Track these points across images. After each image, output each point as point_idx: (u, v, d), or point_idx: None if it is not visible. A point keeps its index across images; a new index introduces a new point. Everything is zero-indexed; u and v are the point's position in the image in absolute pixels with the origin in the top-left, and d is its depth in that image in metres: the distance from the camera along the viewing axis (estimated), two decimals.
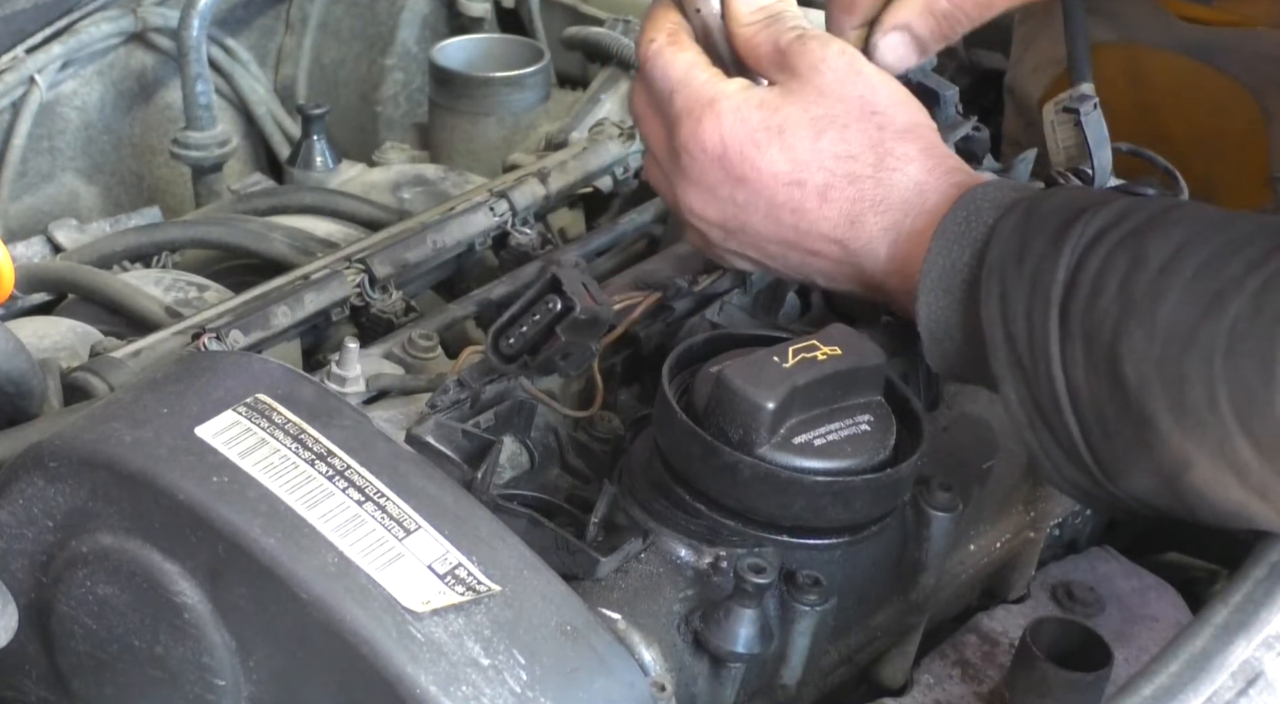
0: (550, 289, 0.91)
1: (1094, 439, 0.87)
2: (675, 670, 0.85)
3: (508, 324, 0.92)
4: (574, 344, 0.91)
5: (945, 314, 0.93)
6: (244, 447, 0.83)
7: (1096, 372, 0.85)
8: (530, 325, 0.91)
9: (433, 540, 0.81)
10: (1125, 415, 0.85)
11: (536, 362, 0.92)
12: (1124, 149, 1.25)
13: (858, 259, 0.97)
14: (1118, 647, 0.99)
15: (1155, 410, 0.83)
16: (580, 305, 0.90)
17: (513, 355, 0.92)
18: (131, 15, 1.67)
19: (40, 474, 0.85)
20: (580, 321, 0.91)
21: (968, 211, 0.93)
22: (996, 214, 0.92)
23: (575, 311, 0.90)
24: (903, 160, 0.97)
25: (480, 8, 1.81)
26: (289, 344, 1.15)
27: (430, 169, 1.54)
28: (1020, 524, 1.06)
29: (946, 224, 0.93)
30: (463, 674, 0.76)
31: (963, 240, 0.93)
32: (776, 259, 1.01)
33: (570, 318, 0.91)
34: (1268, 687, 0.85)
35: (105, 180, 1.73)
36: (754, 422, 0.87)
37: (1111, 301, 0.85)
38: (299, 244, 1.32)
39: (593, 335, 0.93)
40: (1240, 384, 0.80)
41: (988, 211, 0.93)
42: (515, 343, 0.92)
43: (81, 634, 0.86)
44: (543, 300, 0.91)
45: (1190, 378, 0.82)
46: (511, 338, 0.92)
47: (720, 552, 0.89)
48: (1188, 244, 0.84)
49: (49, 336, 1.16)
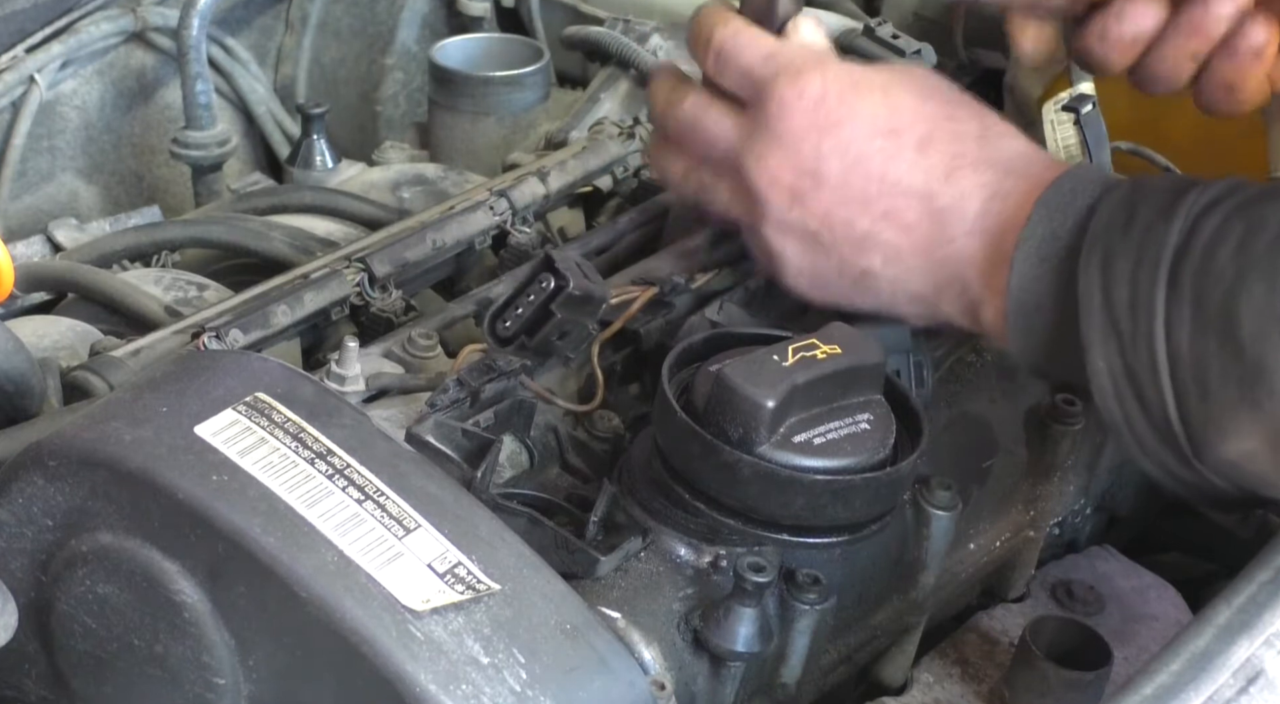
0: (544, 268, 0.91)
1: (1189, 405, 0.85)
2: (675, 669, 0.85)
3: (503, 307, 0.93)
4: (570, 322, 0.91)
5: (1039, 284, 0.91)
6: (243, 445, 0.83)
7: (1205, 330, 0.84)
8: (525, 306, 0.92)
9: (432, 539, 0.81)
10: (1232, 372, 0.83)
11: (534, 342, 0.92)
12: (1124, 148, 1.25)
13: (941, 218, 0.95)
14: (1118, 646, 0.99)
15: (1273, 362, 0.82)
16: (574, 282, 0.90)
17: (509, 337, 0.92)
18: (131, 15, 1.67)
19: (40, 473, 0.85)
20: (575, 298, 0.91)
21: (1073, 183, 0.92)
22: (1102, 187, 0.91)
23: (569, 288, 0.91)
24: (1004, 134, 0.97)
25: (480, 7, 1.81)
26: (289, 343, 1.14)
27: (430, 168, 1.54)
28: (1020, 523, 1.06)
29: (1050, 193, 0.92)
30: (462, 673, 0.76)
31: (1066, 210, 0.91)
32: (837, 230, 0.97)
33: (565, 294, 0.91)
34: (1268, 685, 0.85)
35: (105, 180, 1.73)
36: (754, 420, 0.87)
37: (1228, 262, 0.84)
38: (299, 243, 1.32)
39: (588, 313, 0.93)
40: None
41: (1093, 185, 0.92)
42: (511, 325, 0.92)
43: (81, 633, 0.86)
44: (537, 280, 0.91)
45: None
46: (508, 320, 0.92)
47: (720, 550, 0.89)
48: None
49: (49, 336, 1.16)
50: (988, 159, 0.95)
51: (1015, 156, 0.96)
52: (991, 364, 1.11)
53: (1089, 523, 1.16)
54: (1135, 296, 0.86)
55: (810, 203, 0.97)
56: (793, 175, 0.97)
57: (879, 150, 0.96)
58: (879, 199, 0.96)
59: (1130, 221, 0.88)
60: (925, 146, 0.96)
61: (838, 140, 0.96)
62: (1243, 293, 0.83)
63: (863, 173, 0.96)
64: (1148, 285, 0.85)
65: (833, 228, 0.97)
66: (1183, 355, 0.85)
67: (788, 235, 0.99)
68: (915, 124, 0.96)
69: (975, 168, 0.95)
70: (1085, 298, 0.88)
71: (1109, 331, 0.87)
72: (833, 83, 0.97)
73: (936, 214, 0.95)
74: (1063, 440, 1.05)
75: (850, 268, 0.98)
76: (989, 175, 0.95)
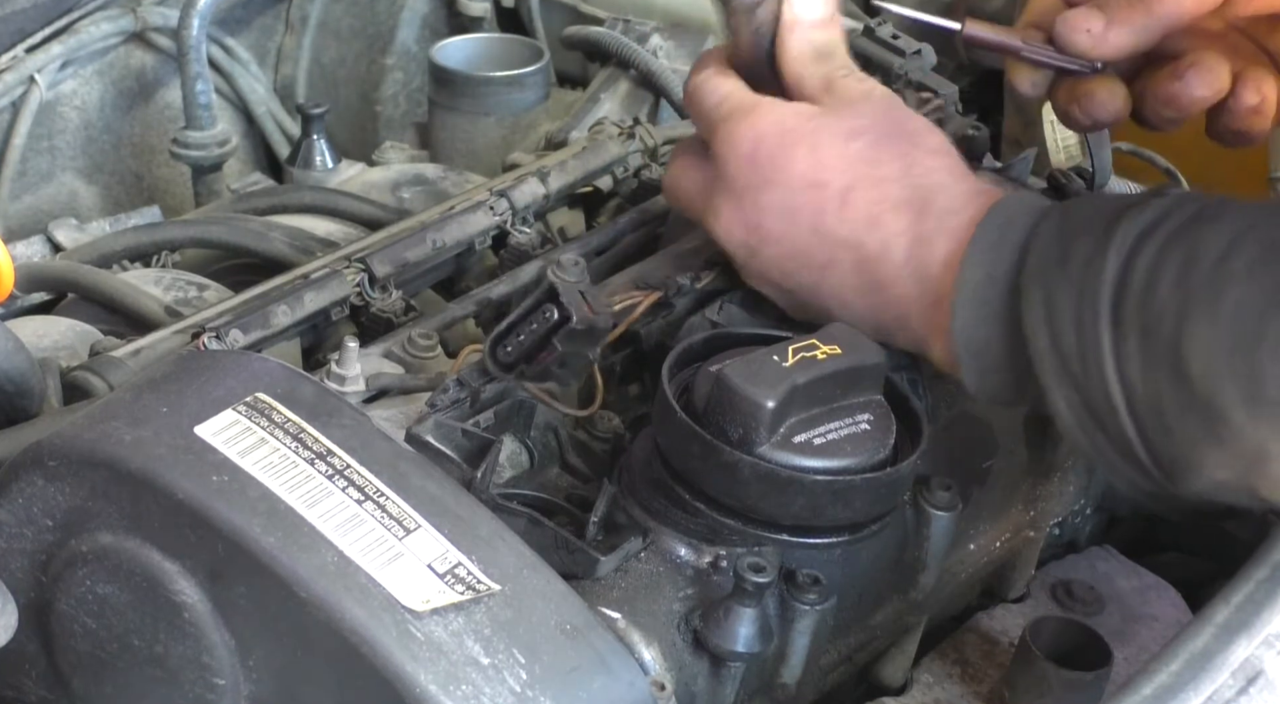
0: (547, 298, 0.91)
1: (1152, 438, 0.85)
2: (675, 670, 0.85)
3: (505, 333, 0.92)
4: (571, 354, 0.91)
5: (984, 325, 0.91)
6: (244, 446, 0.83)
7: (1155, 367, 0.83)
8: (527, 334, 0.91)
9: (432, 539, 0.81)
10: (1190, 410, 0.83)
11: (533, 370, 0.92)
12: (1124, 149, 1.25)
13: (871, 266, 0.95)
14: (1117, 646, 0.99)
15: (1226, 403, 0.81)
16: (577, 316, 0.90)
17: (510, 363, 0.92)
18: (131, 15, 1.67)
19: (40, 473, 0.85)
20: (577, 332, 0.91)
21: (1001, 220, 0.92)
22: (1033, 219, 0.91)
23: (572, 322, 0.90)
24: (930, 170, 0.97)
25: (480, 7, 1.81)
26: (289, 343, 1.14)
27: (430, 168, 1.54)
28: (1020, 523, 1.06)
29: (981, 233, 0.92)
30: (462, 673, 0.76)
31: (1000, 248, 0.91)
32: (792, 278, 0.99)
33: (567, 328, 0.90)
34: (1268, 685, 0.85)
35: (105, 180, 1.73)
36: (754, 421, 0.87)
37: (1169, 296, 0.83)
38: (299, 243, 1.32)
39: (590, 345, 0.93)
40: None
41: (1022, 219, 0.91)
42: (512, 352, 0.92)
43: (81, 633, 0.86)
44: (540, 310, 0.91)
45: (1265, 368, 0.80)
46: (509, 346, 0.92)
47: (720, 551, 0.89)
48: (1240, 236, 0.82)
49: (49, 336, 1.16)
50: (909, 200, 0.95)
51: (937, 194, 0.96)
52: None
53: (1089, 523, 1.16)
54: (1081, 338, 0.86)
55: (763, 256, 0.99)
56: (743, 231, 1.00)
57: (807, 203, 0.97)
58: (817, 251, 0.97)
59: (1066, 258, 0.87)
60: (845, 199, 0.96)
61: (772, 196, 0.98)
62: (1187, 331, 0.82)
63: (797, 224, 0.97)
64: (1091, 325, 0.85)
65: (786, 277, 1.00)
66: (1137, 392, 0.84)
67: (756, 280, 1.02)
68: (837, 175, 0.97)
69: (895, 212, 0.95)
70: (1033, 341, 0.88)
71: (1062, 373, 0.87)
72: (762, 136, 0.98)
73: (866, 263, 0.96)
74: (1063, 440, 1.05)
75: (813, 309, 1.00)
76: (907, 219, 0.95)
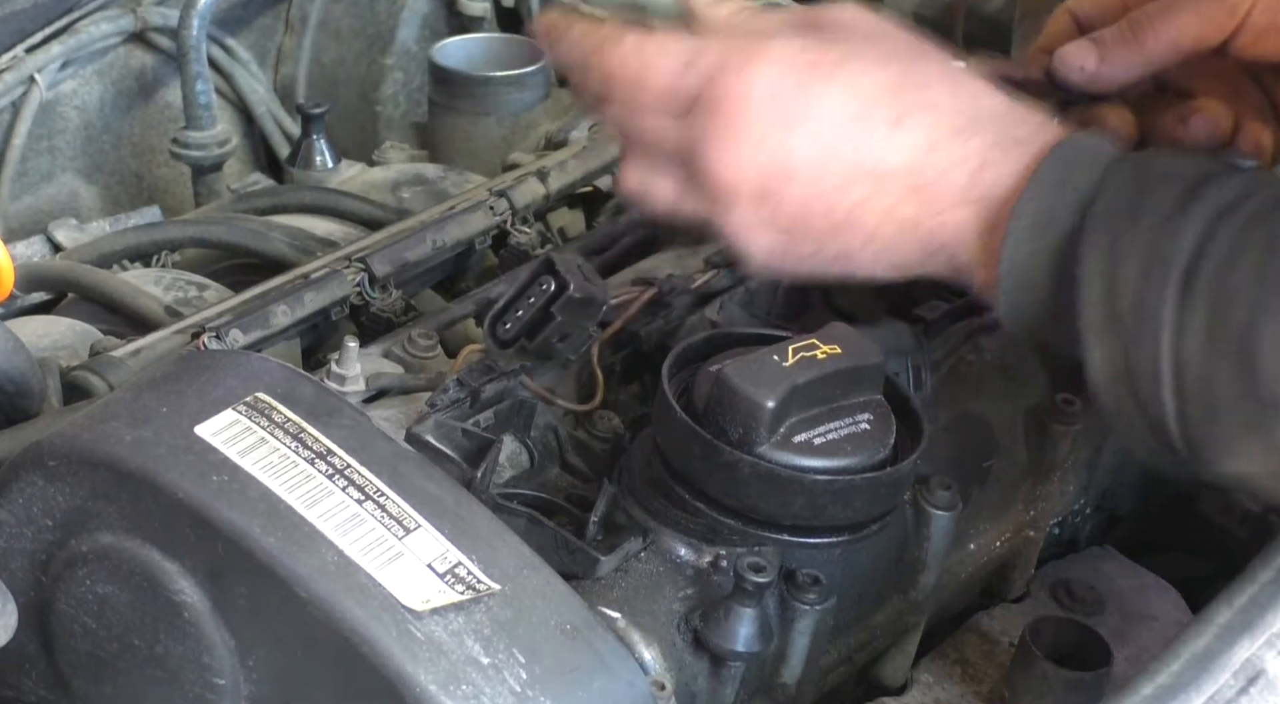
0: (544, 270, 0.91)
1: (1191, 418, 0.82)
2: (675, 669, 0.85)
3: (504, 310, 0.92)
4: (570, 324, 0.91)
5: (1034, 260, 0.87)
6: (243, 445, 0.83)
7: (1219, 350, 0.80)
8: (526, 308, 0.91)
9: (432, 539, 0.81)
10: (1247, 402, 0.80)
11: (534, 345, 0.92)
12: None
13: (927, 193, 0.90)
14: (1118, 646, 0.99)
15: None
16: (575, 284, 0.90)
17: (510, 339, 0.92)
18: (131, 15, 1.67)
19: (40, 473, 0.85)
20: (575, 301, 0.91)
21: (1071, 155, 0.88)
22: (1104, 161, 0.87)
23: (570, 291, 0.90)
24: (976, 93, 0.92)
25: (480, 7, 1.81)
26: (289, 343, 1.15)
27: (430, 168, 1.54)
28: (1020, 523, 1.06)
29: (1046, 168, 0.87)
30: (462, 673, 0.76)
31: (1063, 187, 0.87)
32: (813, 219, 0.92)
33: (565, 297, 0.90)
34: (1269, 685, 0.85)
35: (105, 180, 1.73)
36: (754, 420, 0.87)
37: (1248, 283, 0.80)
38: (299, 243, 1.32)
39: (589, 316, 0.92)
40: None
41: (1092, 157, 0.88)
42: (511, 327, 0.92)
43: (81, 633, 0.86)
44: (537, 282, 0.91)
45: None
46: (508, 322, 0.92)
47: (720, 551, 0.89)
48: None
49: (49, 336, 1.16)
50: (964, 126, 0.90)
51: (996, 119, 0.91)
52: (991, 364, 1.11)
53: (1089, 523, 1.16)
54: (1142, 296, 0.82)
55: (781, 199, 0.92)
56: (759, 175, 0.91)
57: (850, 136, 0.90)
58: (856, 184, 0.90)
59: (1137, 210, 0.84)
60: (898, 124, 0.90)
61: (805, 133, 0.90)
62: (1264, 324, 0.79)
63: (837, 161, 0.90)
64: (1157, 286, 0.82)
65: (808, 218, 0.92)
66: (1191, 369, 0.81)
67: (755, 230, 0.94)
68: (882, 100, 0.90)
69: (956, 137, 0.90)
70: (1086, 286, 0.84)
71: (1109, 325, 0.83)
72: (785, 73, 0.90)
73: (920, 190, 0.90)
74: (1063, 440, 1.05)
75: (826, 250, 0.93)
76: (974, 144, 0.90)
